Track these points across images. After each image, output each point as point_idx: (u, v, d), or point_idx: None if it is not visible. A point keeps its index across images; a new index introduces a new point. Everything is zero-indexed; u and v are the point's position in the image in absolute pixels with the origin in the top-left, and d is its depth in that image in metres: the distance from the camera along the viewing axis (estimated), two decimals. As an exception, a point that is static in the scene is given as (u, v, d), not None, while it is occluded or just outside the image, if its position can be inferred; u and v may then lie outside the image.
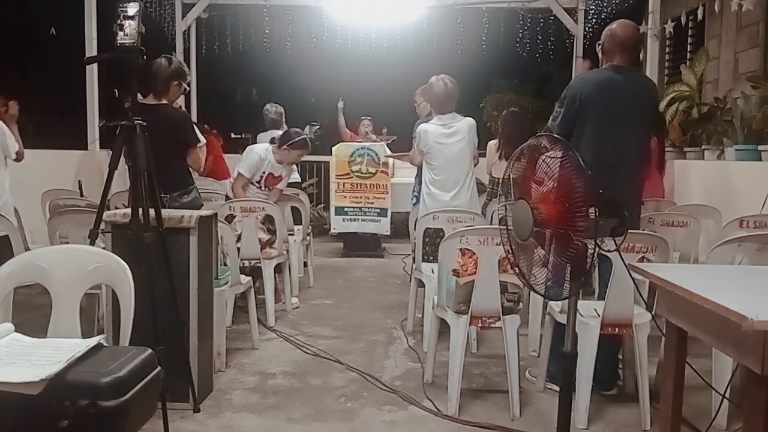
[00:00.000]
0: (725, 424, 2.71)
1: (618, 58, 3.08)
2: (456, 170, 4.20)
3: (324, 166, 8.67)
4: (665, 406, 2.04)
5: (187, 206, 3.36)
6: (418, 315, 4.24)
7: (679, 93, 6.50)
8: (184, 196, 3.48)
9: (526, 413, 2.95)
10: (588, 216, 1.86)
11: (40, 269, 2.14)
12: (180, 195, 3.45)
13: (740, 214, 3.66)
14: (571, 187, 1.88)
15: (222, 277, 3.46)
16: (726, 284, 1.89)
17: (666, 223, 3.84)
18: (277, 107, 5.99)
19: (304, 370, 3.50)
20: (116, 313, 2.29)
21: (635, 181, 3.17)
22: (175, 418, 2.75)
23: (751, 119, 5.31)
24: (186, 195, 3.51)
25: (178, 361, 2.78)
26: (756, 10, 6.26)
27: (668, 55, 8.78)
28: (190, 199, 3.52)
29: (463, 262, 3.05)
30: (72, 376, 1.68)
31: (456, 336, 2.99)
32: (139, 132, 2.59)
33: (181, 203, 3.40)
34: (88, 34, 6.28)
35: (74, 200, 4.52)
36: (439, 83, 4.20)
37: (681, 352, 2.00)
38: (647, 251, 2.82)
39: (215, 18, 8.28)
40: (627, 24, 3.16)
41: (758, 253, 2.72)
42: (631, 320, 2.84)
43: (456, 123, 4.22)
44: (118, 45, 2.53)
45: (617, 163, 2.98)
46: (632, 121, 3.06)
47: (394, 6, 7.62)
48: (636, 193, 3.19)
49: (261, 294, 4.38)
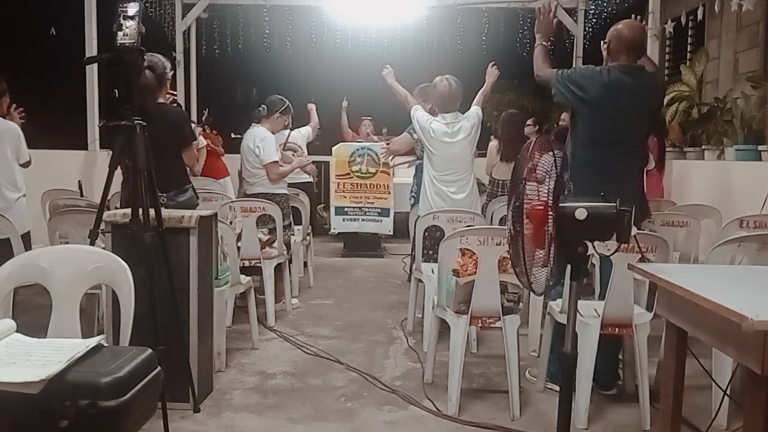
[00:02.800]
0: (725, 424, 2.71)
1: (624, 57, 3.08)
2: (457, 168, 4.21)
3: (324, 166, 8.68)
4: (665, 406, 2.04)
5: (183, 206, 3.34)
6: (418, 315, 4.24)
7: (679, 93, 6.51)
8: (180, 196, 3.45)
9: (526, 413, 2.95)
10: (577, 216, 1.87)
11: (40, 269, 2.14)
12: (176, 194, 3.42)
13: (740, 214, 3.66)
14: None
15: (222, 277, 3.46)
16: (726, 284, 1.89)
17: (666, 223, 3.84)
18: None
19: (304, 370, 3.50)
20: (116, 313, 2.29)
21: (637, 181, 3.16)
22: (175, 418, 2.75)
23: (751, 119, 5.32)
24: (182, 194, 3.48)
25: (178, 361, 2.78)
26: (756, 10, 6.26)
27: (668, 55, 8.78)
28: (185, 198, 3.50)
29: (463, 262, 3.05)
30: (72, 376, 1.67)
31: (456, 336, 2.99)
32: (139, 132, 2.59)
33: (177, 203, 3.37)
34: (88, 34, 6.27)
35: (74, 200, 4.51)
36: (444, 83, 4.22)
37: (681, 352, 2.00)
38: (647, 251, 2.82)
39: (215, 18, 8.29)
40: (634, 24, 3.17)
41: (758, 253, 2.72)
42: (631, 320, 2.84)
43: (459, 122, 4.22)
44: (118, 45, 2.53)
45: (619, 164, 2.98)
46: (634, 120, 3.06)
47: (394, 6, 7.61)
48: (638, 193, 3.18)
49: (261, 294, 4.38)
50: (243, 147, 4.76)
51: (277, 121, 4.84)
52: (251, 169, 4.70)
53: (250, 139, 4.70)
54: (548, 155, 1.95)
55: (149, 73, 3.38)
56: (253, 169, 4.69)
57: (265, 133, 4.70)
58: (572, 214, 1.87)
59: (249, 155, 4.68)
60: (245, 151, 4.71)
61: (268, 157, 4.60)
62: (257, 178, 4.69)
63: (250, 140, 4.68)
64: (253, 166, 4.68)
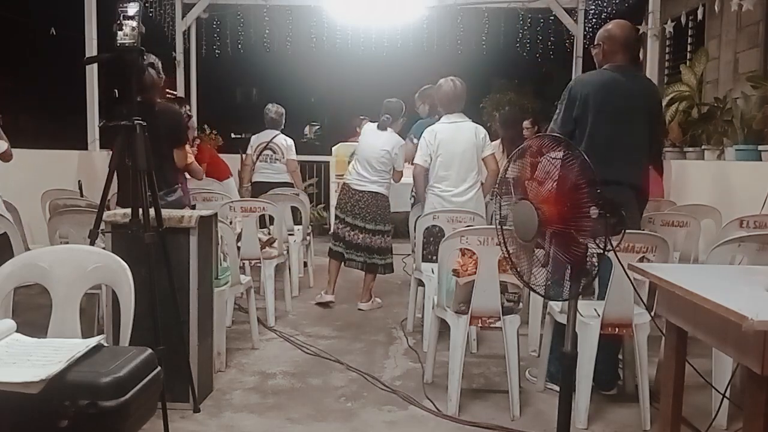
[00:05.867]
0: (725, 424, 2.71)
1: (620, 57, 3.07)
2: (462, 167, 4.22)
3: (324, 166, 8.69)
4: (665, 406, 2.04)
5: (172, 205, 3.31)
6: (418, 315, 4.24)
7: (679, 93, 6.50)
8: (169, 195, 3.42)
9: (526, 413, 2.95)
10: (591, 215, 1.86)
11: (40, 269, 2.14)
12: (166, 194, 3.38)
13: (740, 214, 3.67)
14: (576, 186, 1.88)
15: (222, 277, 3.46)
16: (726, 284, 1.89)
17: (666, 223, 3.84)
18: (278, 107, 6.01)
19: (304, 370, 3.50)
20: (116, 313, 2.29)
21: (639, 182, 3.15)
22: (175, 418, 2.75)
23: (751, 119, 5.31)
24: (171, 194, 3.46)
25: (178, 361, 2.78)
26: (756, 10, 6.26)
27: (668, 55, 8.78)
28: (174, 198, 3.48)
29: (463, 262, 3.05)
30: (72, 376, 1.67)
31: (456, 336, 2.99)
32: (139, 132, 2.59)
33: (167, 202, 3.32)
34: (88, 34, 6.26)
35: (74, 200, 4.51)
36: (448, 83, 4.29)
37: (681, 352, 2.00)
38: (647, 251, 2.82)
39: (215, 18, 8.28)
40: (624, 24, 3.15)
41: (758, 253, 2.72)
42: (631, 320, 2.84)
43: (463, 122, 4.27)
44: (118, 45, 2.53)
45: (620, 164, 2.97)
46: (636, 121, 3.06)
47: (394, 6, 7.61)
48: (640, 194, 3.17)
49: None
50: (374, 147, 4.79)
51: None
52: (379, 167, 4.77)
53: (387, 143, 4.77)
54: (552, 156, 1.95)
55: (152, 71, 3.39)
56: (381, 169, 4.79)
57: (396, 139, 4.82)
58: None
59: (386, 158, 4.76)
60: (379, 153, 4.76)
61: (412, 161, 4.69)
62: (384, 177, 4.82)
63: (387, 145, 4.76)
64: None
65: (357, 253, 4.80)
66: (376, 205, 4.77)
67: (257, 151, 5.88)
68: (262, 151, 5.87)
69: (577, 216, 1.88)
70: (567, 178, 1.92)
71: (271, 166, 5.88)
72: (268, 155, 5.87)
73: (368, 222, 4.76)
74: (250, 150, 5.95)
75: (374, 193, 4.77)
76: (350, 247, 4.80)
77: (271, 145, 5.85)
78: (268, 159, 5.88)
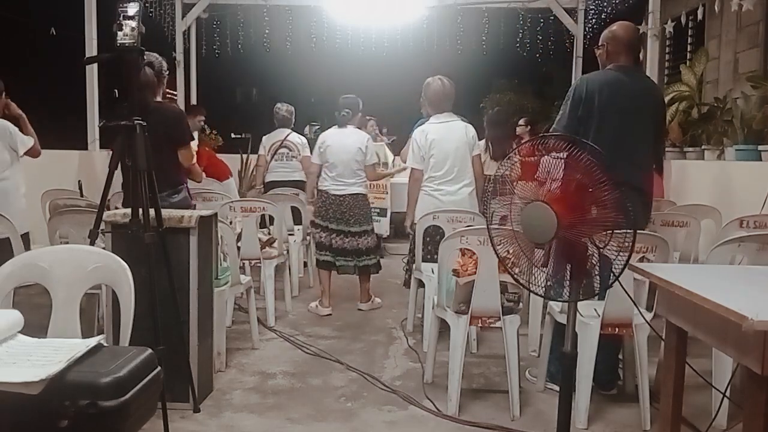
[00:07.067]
0: (725, 424, 2.71)
1: (624, 58, 3.07)
2: (455, 166, 4.19)
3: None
4: (665, 406, 2.04)
5: (177, 206, 3.29)
6: (418, 315, 4.24)
7: (679, 93, 6.51)
8: (173, 196, 3.40)
9: (526, 413, 2.95)
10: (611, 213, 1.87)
11: (40, 269, 2.14)
12: (170, 194, 3.37)
13: (740, 214, 3.67)
14: (597, 185, 1.88)
15: (222, 277, 3.46)
16: (726, 284, 1.89)
17: (666, 223, 3.84)
18: (288, 106, 6.00)
19: (304, 370, 3.50)
20: (116, 313, 2.29)
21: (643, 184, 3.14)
22: (175, 418, 2.75)
23: (751, 119, 5.31)
24: (176, 195, 3.44)
25: (178, 361, 2.78)
26: (756, 10, 6.26)
27: (668, 55, 8.78)
28: (179, 198, 3.46)
29: (463, 262, 3.05)
30: (72, 376, 1.67)
31: (456, 336, 2.99)
32: (139, 132, 2.59)
33: (170, 203, 3.31)
34: (88, 34, 6.27)
35: (74, 200, 4.51)
36: (436, 82, 4.24)
37: (681, 352, 2.00)
38: (647, 251, 2.82)
39: (215, 18, 8.29)
40: (627, 25, 3.16)
41: (758, 253, 2.72)
42: (631, 320, 2.84)
43: (453, 122, 4.23)
44: (118, 45, 2.53)
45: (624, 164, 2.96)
46: (640, 121, 3.06)
47: (394, 6, 7.61)
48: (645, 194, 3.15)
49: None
50: (348, 147, 4.74)
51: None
52: (355, 167, 4.74)
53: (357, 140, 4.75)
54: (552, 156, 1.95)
55: (149, 70, 3.37)
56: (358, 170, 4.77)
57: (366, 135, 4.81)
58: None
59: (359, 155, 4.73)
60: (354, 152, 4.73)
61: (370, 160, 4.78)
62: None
63: (359, 142, 4.74)
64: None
65: (347, 258, 4.74)
66: (358, 206, 4.74)
67: (271, 151, 5.87)
68: (277, 150, 5.86)
69: (599, 217, 1.88)
70: (588, 178, 1.90)
71: (287, 165, 5.88)
72: (283, 153, 5.86)
73: (352, 225, 4.71)
74: (263, 150, 5.93)
75: (355, 195, 4.74)
76: (339, 254, 4.74)
77: (286, 143, 5.84)
78: (284, 157, 5.87)
